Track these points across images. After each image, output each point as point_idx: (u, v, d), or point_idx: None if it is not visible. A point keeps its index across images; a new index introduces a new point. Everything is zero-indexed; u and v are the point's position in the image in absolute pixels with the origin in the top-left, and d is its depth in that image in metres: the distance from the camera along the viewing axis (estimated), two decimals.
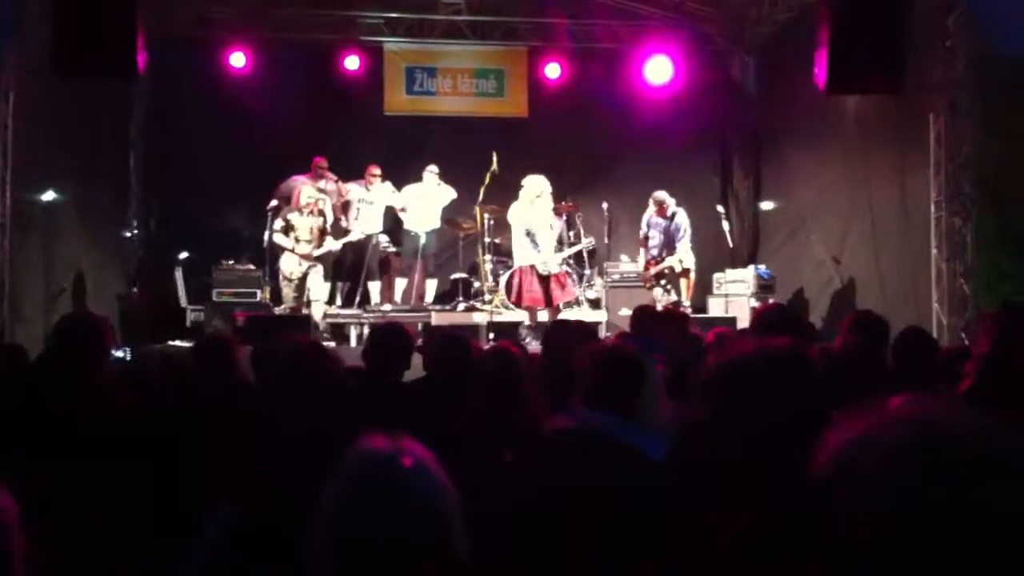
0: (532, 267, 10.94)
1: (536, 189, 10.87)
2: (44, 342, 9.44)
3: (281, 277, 11.44)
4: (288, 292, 11.40)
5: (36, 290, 10.29)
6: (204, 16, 13.05)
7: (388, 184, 12.81)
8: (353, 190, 12.76)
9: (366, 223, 12.57)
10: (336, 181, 12.71)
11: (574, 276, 12.08)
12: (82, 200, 11.31)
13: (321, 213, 11.62)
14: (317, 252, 11.35)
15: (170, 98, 13.13)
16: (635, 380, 3.36)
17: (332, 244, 11.62)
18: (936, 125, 10.20)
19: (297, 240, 11.31)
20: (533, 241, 10.96)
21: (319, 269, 11.42)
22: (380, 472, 1.62)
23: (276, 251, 11.53)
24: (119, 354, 7.44)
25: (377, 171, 12.77)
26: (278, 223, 11.37)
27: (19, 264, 9.84)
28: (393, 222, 13.00)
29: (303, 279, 11.34)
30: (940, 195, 10.16)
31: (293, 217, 11.34)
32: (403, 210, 12.75)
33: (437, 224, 12.86)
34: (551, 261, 10.98)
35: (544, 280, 10.94)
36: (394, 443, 1.67)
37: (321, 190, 12.32)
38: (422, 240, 12.61)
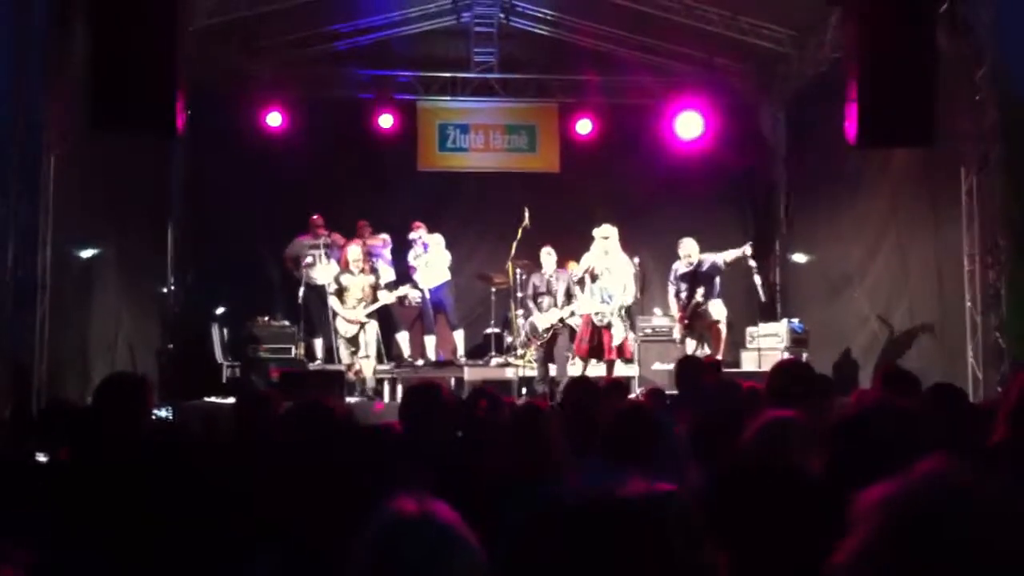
0: (589, 316, 10.91)
1: (605, 232, 10.88)
2: (85, 398, 9.59)
3: (336, 336, 11.57)
4: (344, 351, 11.53)
5: (75, 346, 10.41)
6: (241, 74, 13.31)
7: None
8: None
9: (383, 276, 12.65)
10: (329, 235, 12.78)
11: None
12: (121, 256, 11.46)
13: (373, 271, 11.75)
14: (369, 310, 11.45)
15: (207, 155, 13.32)
16: (650, 435, 3.40)
17: (386, 297, 11.72)
18: (968, 178, 10.19)
19: (345, 302, 11.39)
20: (592, 286, 10.91)
21: (373, 325, 11.53)
22: (407, 535, 1.62)
23: (310, 308, 11.65)
24: (162, 413, 7.50)
25: (366, 224, 12.98)
26: (331, 286, 11.53)
27: (59, 320, 9.98)
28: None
29: (357, 336, 11.45)
30: (973, 248, 10.13)
31: (345, 278, 11.48)
32: (414, 271, 12.83)
33: (446, 276, 12.82)
34: (606, 312, 10.83)
35: (598, 331, 10.85)
36: (421, 504, 1.68)
37: (315, 246, 12.48)
38: (427, 296, 12.64)
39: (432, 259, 12.63)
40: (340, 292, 11.47)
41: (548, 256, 11.78)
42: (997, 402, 6.17)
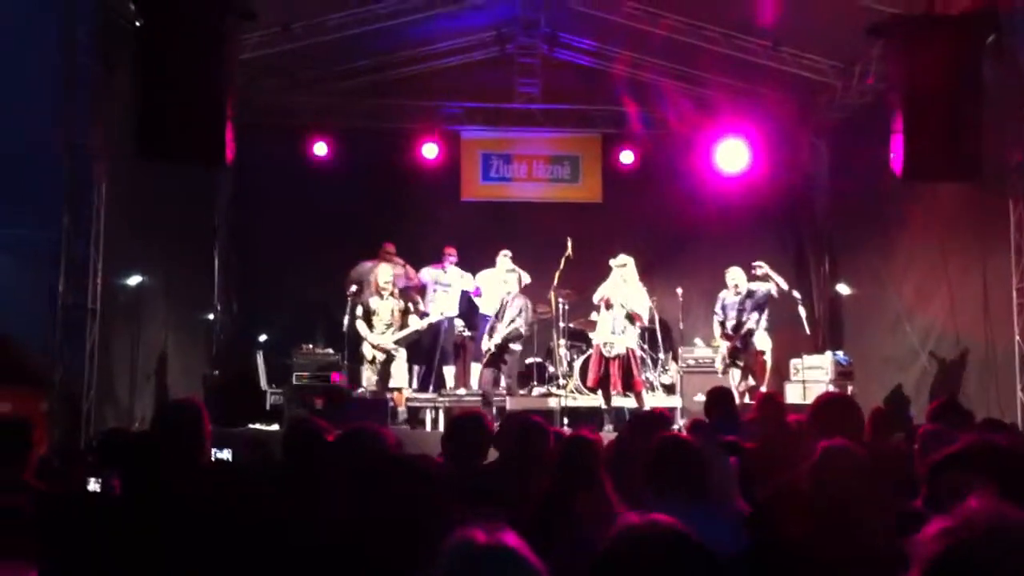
0: (599, 346, 10.91)
1: (621, 261, 10.89)
2: (131, 424, 9.70)
3: (364, 361, 11.51)
4: (370, 376, 11.39)
5: (124, 372, 10.54)
6: (287, 105, 13.49)
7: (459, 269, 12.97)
8: (428, 272, 12.94)
9: (443, 305, 12.65)
10: (404, 265, 12.86)
11: (645, 361, 11.91)
12: (168, 283, 11.61)
13: (402, 295, 11.72)
14: (398, 335, 11.34)
15: (253, 184, 13.51)
16: (698, 469, 3.40)
17: (417, 324, 11.62)
18: (1016, 210, 10.09)
19: (373, 326, 11.34)
20: (605, 316, 10.93)
21: (402, 354, 11.46)
22: (481, 563, 1.66)
23: (355, 336, 11.66)
24: (223, 455, 7.42)
25: (453, 252, 12.96)
26: (359, 309, 11.43)
27: (108, 347, 10.11)
28: (468, 306, 13.15)
29: (386, 363, 11.34)
30: (1022, 281, 10.01)
31: (373, 301, 11.40)
32: (478, 295, 12.93)
33: None
34: (615, 343, 10.83)
35: (606, 361, 10.83)
36: (492, 533, 1.71)
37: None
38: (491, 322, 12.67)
39: (505, 291, 12.71)
40: (368, 316, 11.42)
41: (504, 284, 12.05)
42: None
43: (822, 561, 2.85)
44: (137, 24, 9.35)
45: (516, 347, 11.79)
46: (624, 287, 10.83)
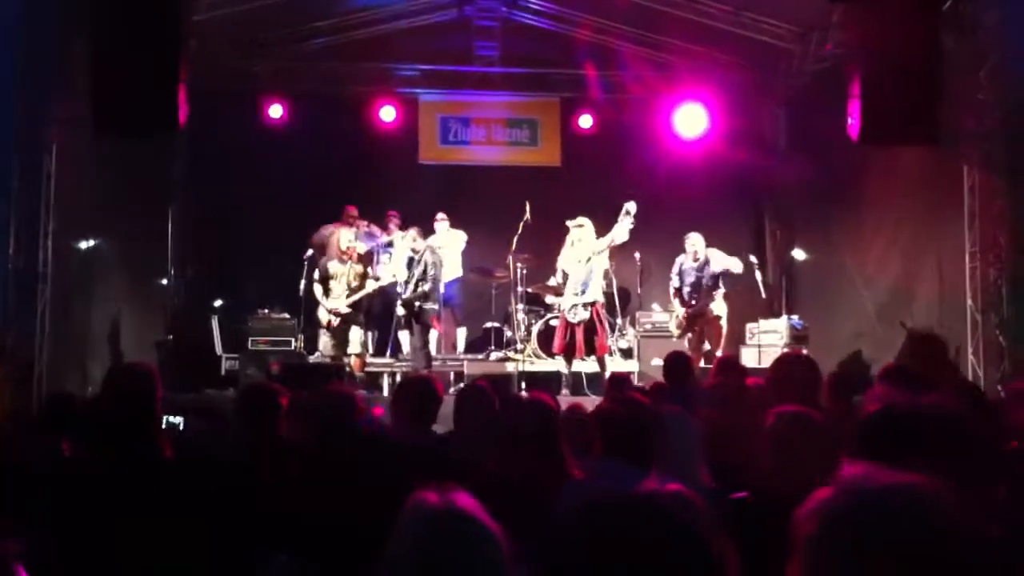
0: (564, 312, 10.93)
1: (575, 222, 10.88)
2: (84, 389, 9.59)
3: (319, 326, 11.44)
4: (327, 341, 11.35)
5: (76, 337, 10.41)
6: (244, 69, 13.29)
7: (412, 231, 12.86)
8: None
9: (394, 269, 12.55)
10: (368, 224, 12.80)
11: (605, 327, 11.87)
12: (122, 248, 11.45)
13: (360, 259, 11.63)
14: (351, 299, 11.27)
15: (209, 148, 13.29)
16: (651, 431, 3.40)
17: (371, 286, 11.53)
18: (970, 176, 10.18)
19: (330, 291, 11.25)
20: (565, 283, 10.94)
21: (359, 318, 11.37)
22: (437, 526, 1.65)
23: (311, 300, 11.57)
24: (175, 419, 7.34)
25: (396, 216, 12.94)
26: (316, 273, 11.36)
27: (61, 311, 9.97)
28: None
29: (343, 328, 11.28)
30: (975, 246, 10.12)
31: (332, 266, 11.35)
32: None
33: (459, 272, 12.88)
34: (576, 307, 10.82)
35: (571, 328, 10.84)
36: (446, 496, 1.69)
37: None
38: (441, 289, 12.57)
39: (449, 254, 12.61)
40: (325, 280, 11.32)
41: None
42: (1001, 403, 6.16)
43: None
44: None
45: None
46: (570, 250, 10.83)
